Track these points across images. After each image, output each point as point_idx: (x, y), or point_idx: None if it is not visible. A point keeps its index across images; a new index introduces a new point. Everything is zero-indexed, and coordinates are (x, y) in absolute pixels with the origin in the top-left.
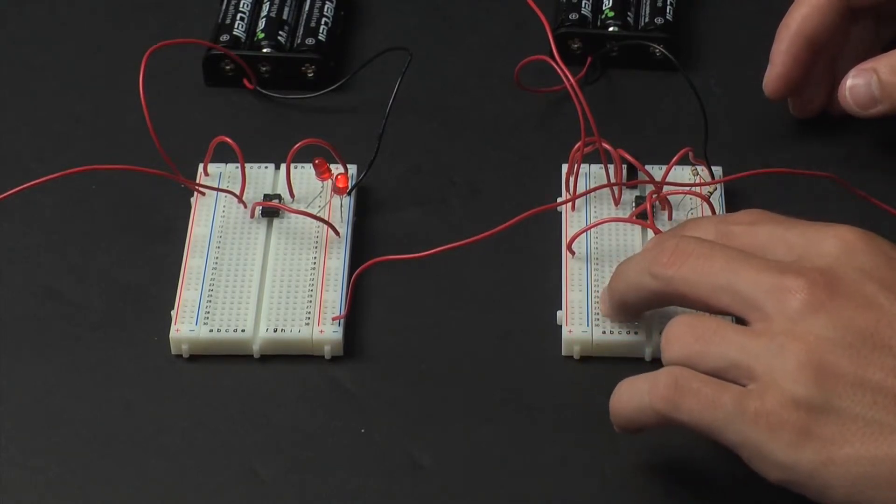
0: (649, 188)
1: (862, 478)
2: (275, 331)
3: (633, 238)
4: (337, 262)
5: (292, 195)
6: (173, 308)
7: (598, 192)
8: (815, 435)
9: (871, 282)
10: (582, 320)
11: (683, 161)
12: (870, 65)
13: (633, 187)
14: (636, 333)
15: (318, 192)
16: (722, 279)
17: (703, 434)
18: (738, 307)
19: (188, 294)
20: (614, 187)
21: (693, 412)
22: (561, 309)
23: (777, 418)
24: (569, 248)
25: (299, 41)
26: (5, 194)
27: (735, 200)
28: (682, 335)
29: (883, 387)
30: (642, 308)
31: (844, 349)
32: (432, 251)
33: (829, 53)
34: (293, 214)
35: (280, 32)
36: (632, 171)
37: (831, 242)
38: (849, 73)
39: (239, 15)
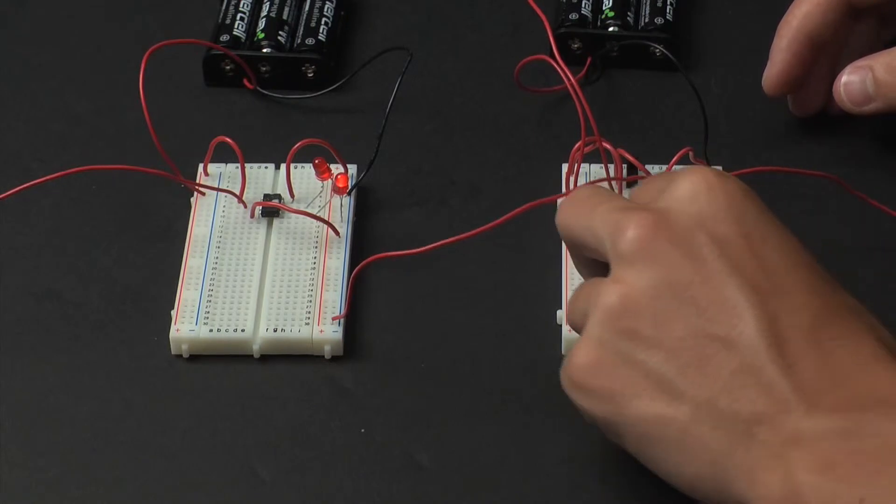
0: None
1: (646, 436)
2: (275, 331)
3: None
4: (337, 261)
5: (292, 195)
6: (173, 308)
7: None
8: (606, 384)
9: (702, 232)
10: None
11: (683, 161)
12: (866, 62)
13: (633, 186)
14: None
15: (318, 192)
16: (586, 220)
17: None
18: (596, 246)
19: (188, 294)
20: (614, 187)
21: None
22: (561, 309)
23: (576, 367)
24: None
25: (299, 41)
26: (5, 194)
27: None
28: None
29: (680, 347)
30: (581, 264)
31: (652, 300)
32: (430, 246)
33: (830, 52)
34: (293, 214)
35: (280, 32)
36: (632, 171)
37: (683, 185)
38: (845, 69)
39: (239, 15)
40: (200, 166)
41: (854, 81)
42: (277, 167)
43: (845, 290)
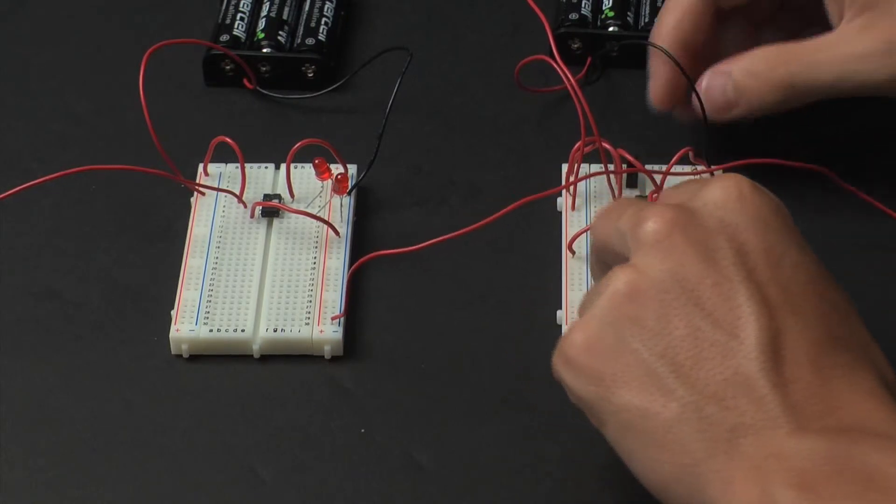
0: (649, 188)
1: (628, 426)
2: (275, 331)
3: None
4: (337, 262)
5: (292, 195)
6: (173, 308)
7: (598, 192)
8: (598, 366)
9: (723, 237)
10: None
11: (683, 161)
12: (724, 67)
13: (633, 187)
14: None
15: (318, 192)
16: (615, 220)
17: None
18: (619, 242)
19: (188, 294)
20: (614, 187)
21: None
22: (561, 309)
23: (571, 343)
24: (569, 247)
25: (299, 41)
26: (5, 194)
27: None
28: None
29: (678, 344)
30: (599, 271)
31: (659, 292)
32: (427, 243)
33: (706, 56)
34: (293, 214)
35: (280, 32)
36: (632, 173)
37: (715, 190)
38: (704, 74)
39: (239, 15)
40: (200, 166)
41: (715, 86)
42: (277, 167)
43: (860, 323)
